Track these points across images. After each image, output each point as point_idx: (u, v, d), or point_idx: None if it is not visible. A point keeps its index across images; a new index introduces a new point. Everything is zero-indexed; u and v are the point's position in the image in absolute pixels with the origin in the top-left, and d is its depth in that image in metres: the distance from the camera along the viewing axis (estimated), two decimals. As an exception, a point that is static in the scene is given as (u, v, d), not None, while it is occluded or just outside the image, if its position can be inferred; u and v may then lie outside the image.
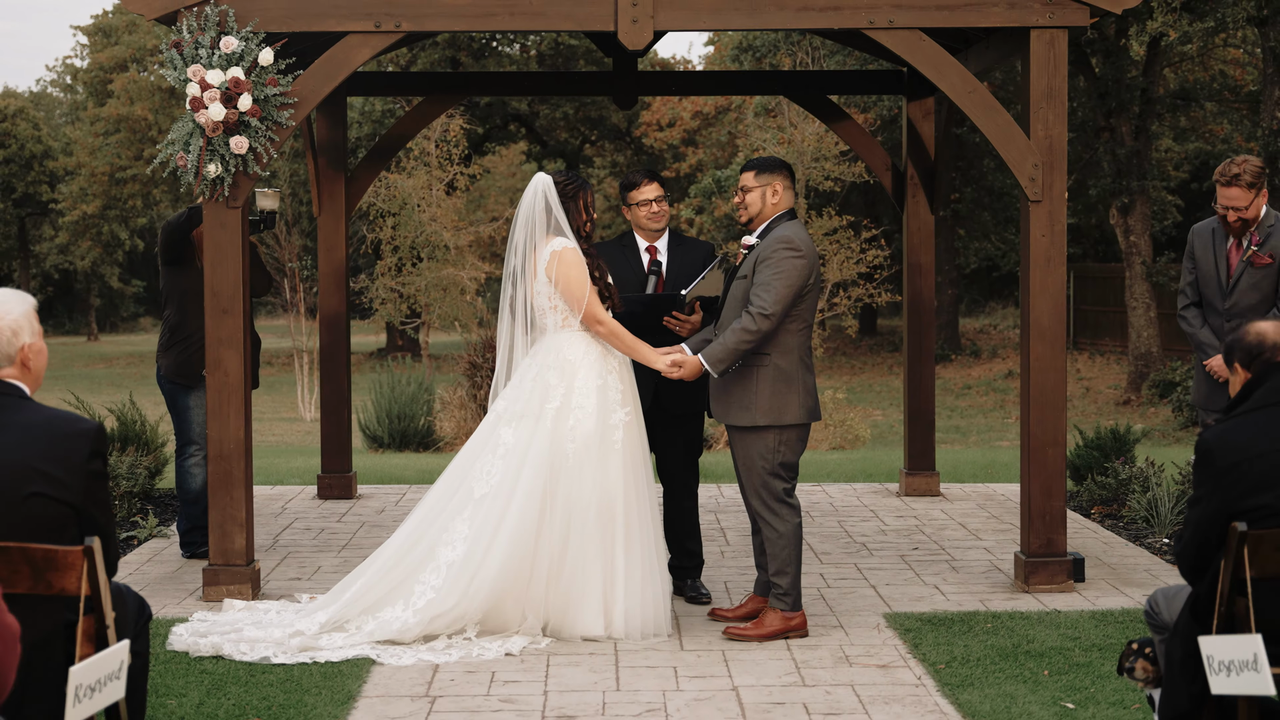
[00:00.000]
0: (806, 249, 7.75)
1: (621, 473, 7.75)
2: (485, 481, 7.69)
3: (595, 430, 7.71)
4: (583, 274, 7.73)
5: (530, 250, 7.80)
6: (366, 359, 40.73)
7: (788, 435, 7.77)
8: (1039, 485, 8.78)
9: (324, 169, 11.97)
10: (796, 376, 7.75)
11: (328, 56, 8.66)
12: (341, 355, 12.09)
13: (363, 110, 39.65)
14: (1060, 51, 8.67)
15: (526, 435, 7.70)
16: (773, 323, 7.57)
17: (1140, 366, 30.52)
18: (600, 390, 7.79)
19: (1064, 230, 8.73)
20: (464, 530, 7.65)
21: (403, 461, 15.43)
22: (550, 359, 7.77)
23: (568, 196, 7.90)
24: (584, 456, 7.70)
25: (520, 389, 7.78)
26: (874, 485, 12.77)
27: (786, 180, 7.99)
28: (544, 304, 7.79)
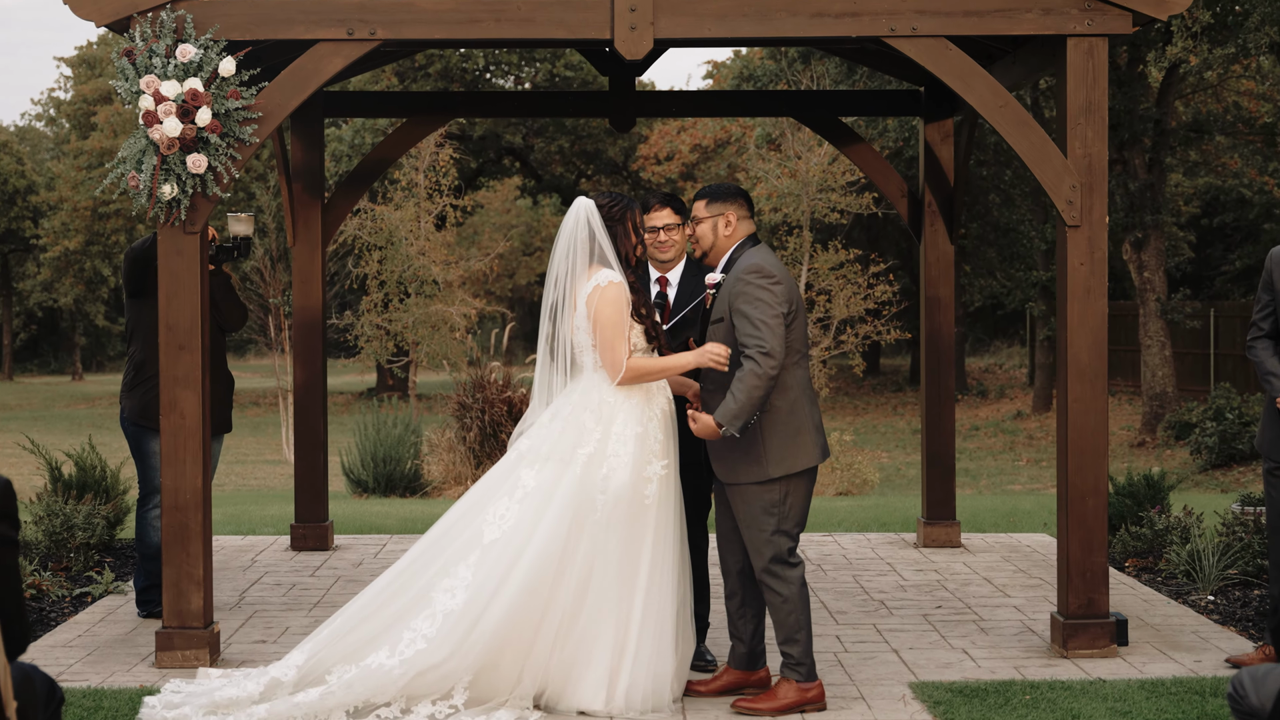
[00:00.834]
0: (780, 273, 7.07)
1: (651, 531, 7.05)
2: (497, 526, 6.94)
3: (629, 482, 7.00)
4: (620, 316, 7.04)
5: (571, 282, 7.11)
6: (356, 399, 40.03)
7: (796, 485, 7.07)
8: (1078, 539, 8.06)
9: (299, 195, 11.28)
10: (803, 414, 7.07)
11: (296, 67, 7.97)
12: (318, 395, 11.37)
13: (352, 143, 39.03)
14: (1100, 61, 8.00)
15: (551, 480, 6.97)
16: (778, 359, 6.88)
17: (1155, 407, 29.82)
18: (639, 439, 7.08)
19: (1104, 258, 8.03)
20: (467, 577, 6.88)
21: (385, 509, 14.70)
22: (587, 399, 7.07)
23: (614, 220, 7.19)
24: (614, 510, 6.98)
25: (549, 429, 7.07)
26: (889, 535, 12.04)
27: (742, 209, 7.32)
28: (583, 340, 7.10)
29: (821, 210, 23.08)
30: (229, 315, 9.19)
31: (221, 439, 9.22)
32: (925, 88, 11.36)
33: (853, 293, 22.53)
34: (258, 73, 8.01)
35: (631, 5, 7.89)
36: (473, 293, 30.49)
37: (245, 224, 9.17)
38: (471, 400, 18.92)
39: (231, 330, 9.29)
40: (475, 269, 29.02)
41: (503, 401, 18.80)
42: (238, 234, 9.11)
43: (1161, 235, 29.67)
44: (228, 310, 9.18)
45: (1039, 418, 34.83)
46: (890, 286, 22.90)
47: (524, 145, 45.82)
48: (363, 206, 26.05)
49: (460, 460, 18.79)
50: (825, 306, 22.58)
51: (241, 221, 9.15)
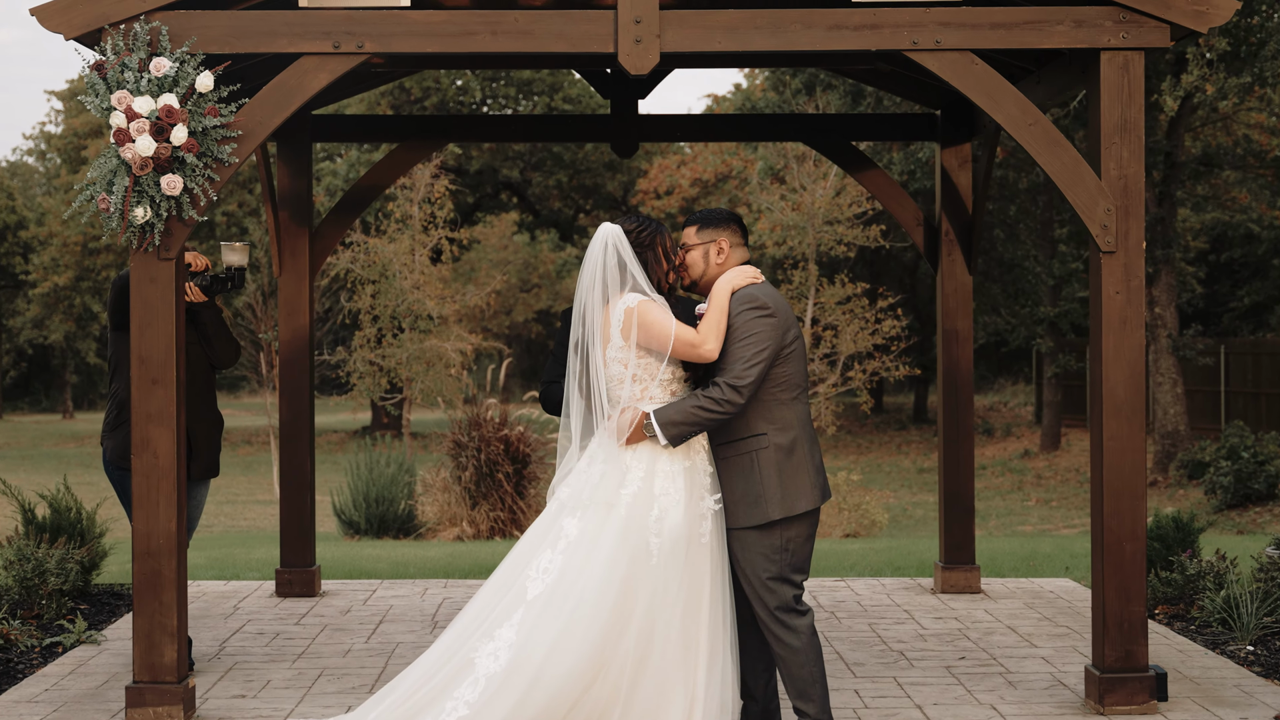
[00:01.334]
0: (776, 304, 6.62)
1: (709, 572, 6.52)
2: (541, 580, 6.38)
3: (684, 522, 6.49)
4: (666, 314, 6.56)
5: (600, 313, 6.60)
6: (350, 438, 39.51)
7: (797, 529, 6.60)
8: (1115, 586, 7.57)
9: (285, 223, 10.82)
10: (803, 453, 6.61)
11: (278, 82, 7.51)
12: (304, 433, 10.89)
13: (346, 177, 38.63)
14: (1135, 77, 7.55)
15: (595, 526, 6.43)
16: (744, 396, 6.45)
17: (1167, 446, 29.35)
18: (689, 473, 6.57)
19: (1141, 286, 7.56)
20: (510, 637, 6.30)
21: (376, 552, 14.21)
22: None
23: (643, 245, 6.68)
24: (671, 555, 6.44)
25: (588, 473, 6.52)
26: (904, 580, 11.54)
27: (735, 235, 6.85)
28: (619, 373, 6.57)
29: (827, 243, 22.63)
30: (221, 351, 8.65)
31: (207, 484, 8.72)
32: (942, 110, 10.92)
33: (859, 328, 22.07)
34: (238, 89, 7.56)
35: (636, 17, 7.44)
36: (469, 329, 30.00)
37: (240, 254, 8.67)
38: (467, 439, 18.43)
39: (223, 367, 8.77)
40: (472, 303, 28.52)
41: (499, 440, 18.31)
42: (232, 264, 8.62)
43: (1173, 270, 29.27)
44: (220, 345, 8.64)
45: (1047, 456, 34.34)
46: (898, 321, 22.45)
47: (521, 180, 45.44)
48: (356, 239, 25.61)
49: (455, 501, 18.31)
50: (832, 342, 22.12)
51: (236, 251, 8.65)
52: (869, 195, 24.59)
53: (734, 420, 6.58)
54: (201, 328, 8.54)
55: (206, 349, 8.57)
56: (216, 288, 8.54)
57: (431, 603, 10.66)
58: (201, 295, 8.47)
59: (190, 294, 8.44)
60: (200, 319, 8.54)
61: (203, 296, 8.47)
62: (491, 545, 15.90)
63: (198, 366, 8.53)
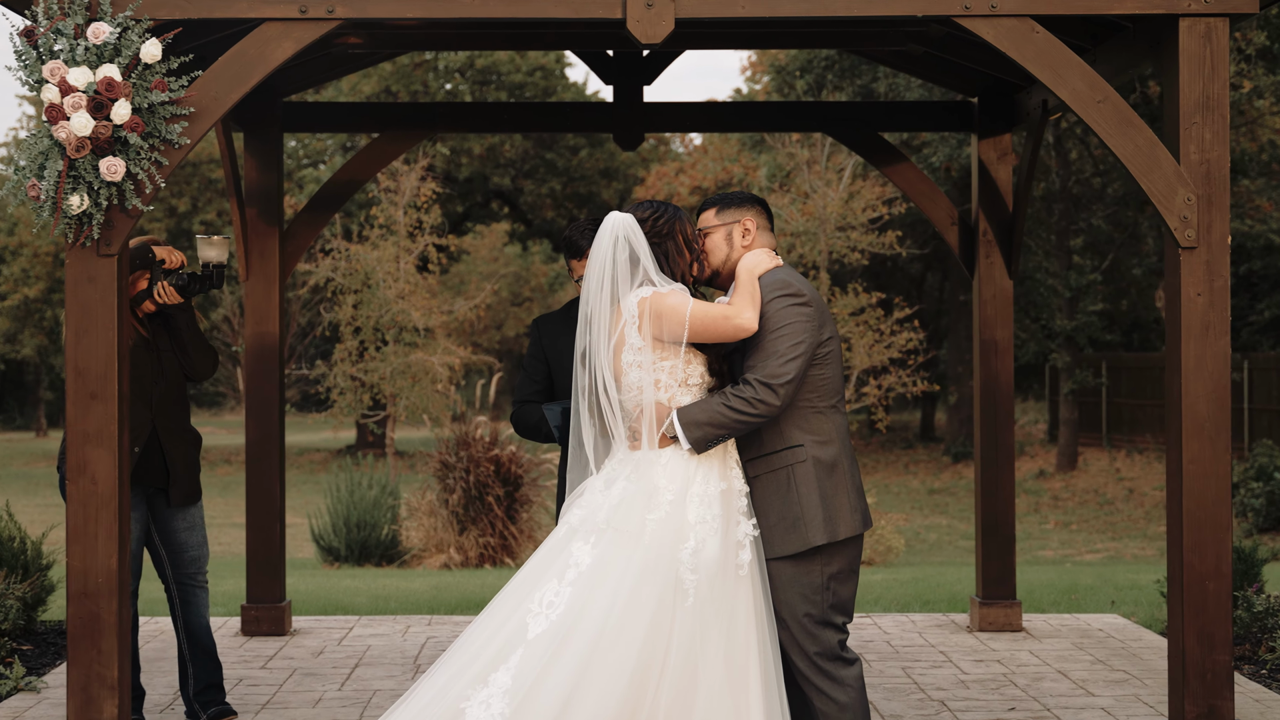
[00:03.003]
0: (810, 294, 5.83)
1: (752, 611, 5.66)
2: (545, 616, 5.46)
3: (721, 552, 5.63)
4: (683, 295, 5.74)
5: (610, 314, 5.76)
6: (334, 457, 38.60)
7: (840, 560, 5.79)
8: (1196, 631, 6.74)
9: (253, 222, 10.01)
10: (843, 472, 5.82)
11: (237, 52, 6.69)
12: (273, 454, 10.07)
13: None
14: (1219, 47, 6.74)
15: (612, 555, 5.54)
16: (780, 398, 5.64)
17: (1192, 466, 28.47)
18: (725, 497, 5.72)
19: (1226, 286, 6.75)
20: (506, 683, 5.37)
21: (355, 583, 13.37)
22: (655, 453, 5.73)
23: (661, 235, 5.85)
24: (709, 593, 5.57)
25: (607, 494, 5.65)
26: (935, 615, 10.72)
27: (761, 216, 6.07)
28: (640, 379, 5.71)
29: (840, 250, 21.82)
30: (197, 360, 7.75)
31: (194, 510, 7.78)
32: (979, 98, 10.13)
33: (873, 340, 21.25)
34: (190, 60, 6.73)
35: (648, -23, 6.62)
36: (457, 342, 29.13)
37: (219, 248, 7.75)
38: (455, 459, 17.60)
39: (199, 379, 7.86)
40: (461, 316, 27.65)
41: (489, 460, 17.47)
42: (210, 261, 7.70)
43: (1198, 281, 28.43)
44: (196, 354, 7.73)
45: (1064, 477, 33.54)
46: (915, 334, 21.64)
47: (513, 188, 44.66)
48: (337, 246, 24.76)
49: (442, 526, 17.46)
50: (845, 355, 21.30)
51: (214, 246, 7.74)
52: (885, 199, 23.82)
53: (765, 429, 5.76)
54: (176, 334, 7.64)
55: (181, 358, 7.69)
56: (194, 288, 7.58)
57: (414, 643, 9.83)
58: (177, 296, 7.51)
59: (164, 295, 7.49)
60: (175, 324, 7.65)
61: (178, 298, 7.51)
62: (480, 575, 15.07)
63: (172, 378, 7.65)
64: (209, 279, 7.62)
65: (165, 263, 7.56)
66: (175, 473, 7.61)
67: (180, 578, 7.76)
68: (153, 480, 7.56)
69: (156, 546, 7.73)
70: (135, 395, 7.43)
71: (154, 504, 7.66)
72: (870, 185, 23.55)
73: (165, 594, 7.82)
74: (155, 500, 7.65)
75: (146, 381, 7.52)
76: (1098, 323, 33.32)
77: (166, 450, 7.58)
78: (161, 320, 7.68)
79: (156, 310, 7.62)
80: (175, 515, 7.69)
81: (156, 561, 7.76)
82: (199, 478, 7.78)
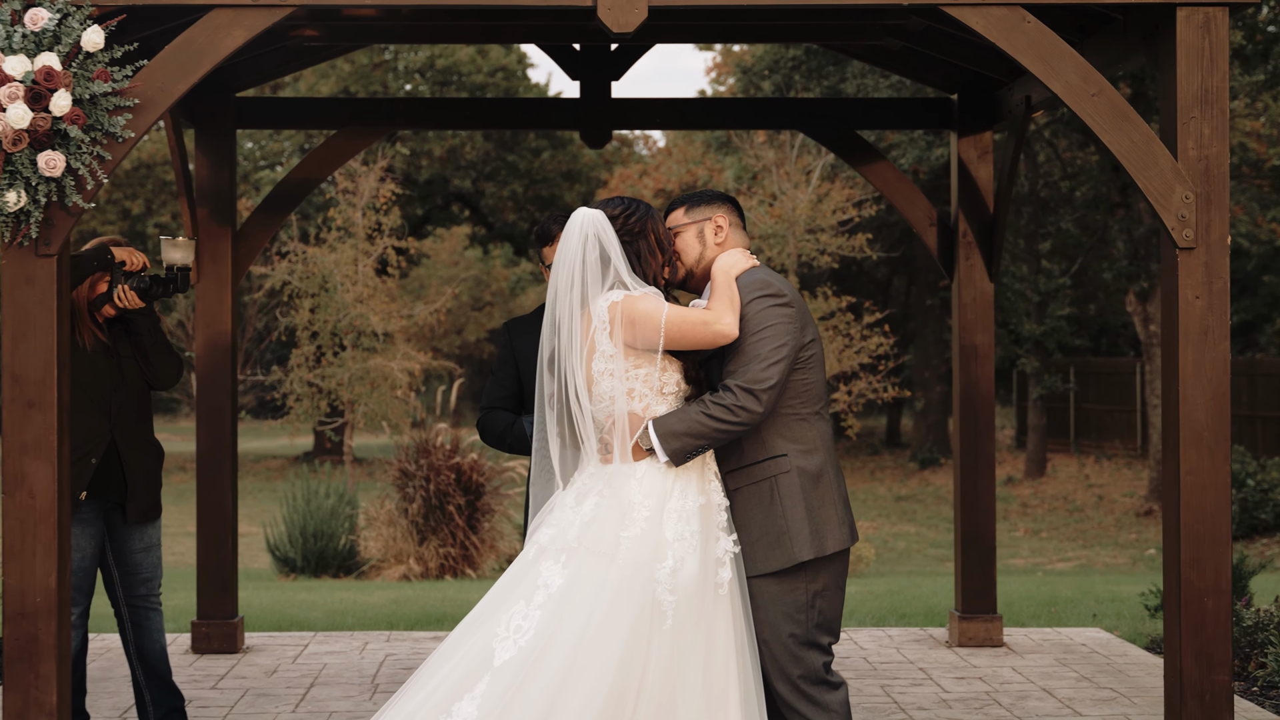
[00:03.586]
0: (791, 294, 5.55)
1: (732, 632, 5.35)
2: (513, 641, 5.13)
3: (700, 570, 5.31)
4: (657, 300, 5.43)
5: (580, 318, 5.44)
6: (291, 464, 38.16)
7: (825, 577, 5.50)
8: (1195, 651, 6.49)
9: (205, 222, 9.69)
10: (829, 482, 5.53)
11: (184, 40, 6.38)
12: (225, 464, 9.74)
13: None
14: (1219, 38, 6.50)
15: (584, 575, 5.21)
16: (763, 404, 5.35)
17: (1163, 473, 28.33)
18: (704, 511, 5.41)
19: (1226, 289, 6.50)
20: (470, 713, 5.04)
21: (311, 597, 13.03)
22: (629, 465, 5.41)
23: (633, 234, 5.52)
24: (688, 614, 5.25)
25: (578, 510, 5.33)
26: (913, 630, 10.45)
27: (733, 214, 5.77)
28: (611, 388, 5.38)
29: (809, 253, 21.55)
30: (160, 368, 7.35)
31: (152, 529, 7.37)
32: (959, 94, 9.88)
33: (843, 345, 20.99)
34: (134, 49, 6.41)
35: (619, -37, 6.34)
36: (417, 347, 28.74)
37: (184, 250, 7.38)
38: (415, 467, 17.25)
39: (162, 387, 7.43)
40: (421, 320, 27.27)
41: (450, 469, 17.13)
42: (174, 263, 7.33)
43: (1170, 286, 28.31)
44: (158, 361, 7.33)
45: (1032, 484, 33.35)
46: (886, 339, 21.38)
47: (474, 190, 44.31)
48: (294, 249, 24.37)
49: (401, 536, 17.11)
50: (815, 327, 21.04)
51: (179, 247, 7.36)
52: (855, 201, 23.58)
53: (746, 439, 5.47)
54: (138, 339, 7.26)
55: (143, 365, 7.30)
56: (156, 291, 7.18)
57: (372, 660, 9.51)
58: (138, 301, 7.11)
59: (125, 299, 7.10)
60: (136, 329, 7.26)
61: (139, 302, 7.11)
62: (441, 587, 14.75)
63: (133, 387, 7.25)
64: (172, 282, 7.26)
65: (126, 264, 7.16)
66: (134, 487, 7.21)
67: (132, 599, 7.37)
68: (110, 495, 7.18)
69: (109, 565, 7.32)
70: (93, 404, 7.07)
71: (110, 520, 7.26)
72: (839, 187, 23.31)
73: (115, 615, 7.44)
74: (111, 516, 7.26)
75: (105, 389, 7.13)
76: (1066, 327, 33.16)
77: (125, 463, 7.18)
78: (122, 325, 7.30)
79: (117, 315, 7.24)
80: (132, 533, 7.30)
81: (107, 580, 7.37)
82: (160, 493, 7.39)
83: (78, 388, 7.02)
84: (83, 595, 7.09)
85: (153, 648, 7.40)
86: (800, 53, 30.33)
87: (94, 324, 7.19)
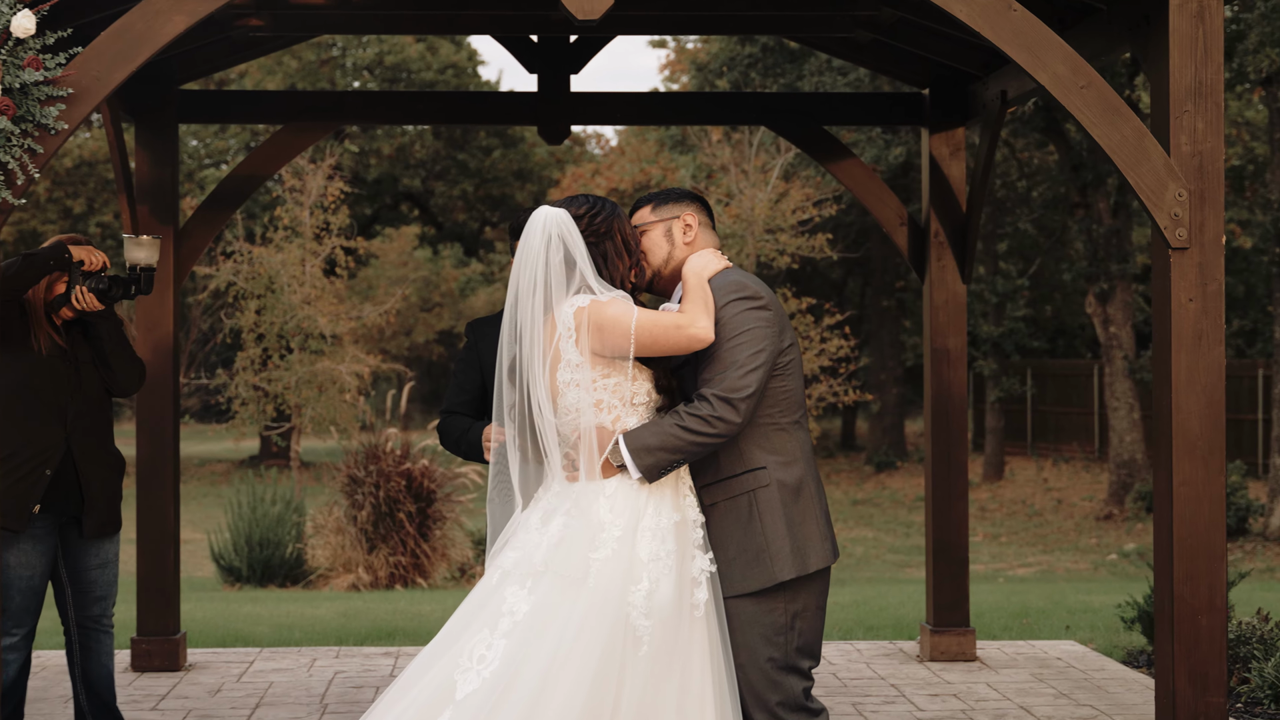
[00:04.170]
0: (768, 296, 5.25)
1: (708, 657, 5.04)
2: (476, 672, 4.80)
3: (675, 593, 5.00)
4: (626, 304, 5.10)
5: (543, 325, 5.10)
6: (236, 468, 37.69)
7: (806, 597, 5.21)
8: (1188, 671, 6.23)
9: (145, 220, 9.34)
10: (810, 495, 5.23)
11: (122, 27, 6.05)
12: (167, 474, 9.39)
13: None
14: (1213, 27, 6.25)
15: (553, 601, 4.89)
16: (741, 414, 5.05)
17: (1123, 476, 28.28)
18: (679, 529, 5.09)
19: (1221, 291, 6.25)
20: None
21: (257, 609, 12.67)
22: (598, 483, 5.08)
23: (599, 234, 5.19)
24: (664, 639, 4.94)
25: (543, 531, 5.00)
26: (882, 644, 10.19)
27: (701, 213, 5.47)
28: (578, 399, 5.05)
29: (768, 254, 21.28)
30: (121, 374, 6.93)
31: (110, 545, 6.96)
32: (930, 89, 9.62)
33: (804, 348, 20.72)
34: (68, 35, 6.08)
35: (584, -54, 6.04)
36: (366, 349, 28.34)
37: (148, 249, 6.98)
38: (364, 473, 16.88)
39: (123, 394, 7.01)
40: (370, 322, 26.87)
41: (400, 475, 16.78)
42: (138, 262, 6.93)
43: (1129, 287, 28.26)
44: (119, 367, 6.91)
45: (990, 487, 33.22)
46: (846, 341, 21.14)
47: (423, 189, 43.92)
48: (239, 249, 23.96)
49: (350, 544, 16.75)
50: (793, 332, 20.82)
51: (143, 246, 6.96)
52: (815, 201, 23.32)
53: (722, 450, 5.17)
54: (98, 344, 6.84)
55: (103, 371, 6.89)
56: (116, 293, 6.76)
57: (320, 678, 9.17)
58: (97, 303, 6.69)
59: (83, 301, 6.67)
60: (96, 332, 6.85)
61: (98, 304, 6.69)
62: (391, 598, 14.41)
63: (92, 393, 6.85)
64: (135, 283, 6.87)
65: (85, 264, 6.76)
66: (91, 500, 6.80)
67: (83, 619, 6.98)
68: (65, 508, 6.79)
69: (62, 582, 6.92)
70: (48, 412, 6.67)
71: (65, 534, 6.86)
72: (798, 187, 23.06)
73: (64, 635, 7.05)
74: (67, 531, 6.86)
75: (62, 396, 6.73)
76: (1024, 329, 33.06)
77: (82, 474, 6.78)
78: (81, 328, 6.91)
79: (75, 317, 6.85)
80: (88, 549, 6.89)
81: (59, 598, 6.97)
82: (119, 507, 6.97)
83: (32, 394, 6.66)
84: (29, 616, 6.72)
85: (100, 672, 7.04)
86: (757, 50, 30.10)
87: (50, 327, 6.79)
